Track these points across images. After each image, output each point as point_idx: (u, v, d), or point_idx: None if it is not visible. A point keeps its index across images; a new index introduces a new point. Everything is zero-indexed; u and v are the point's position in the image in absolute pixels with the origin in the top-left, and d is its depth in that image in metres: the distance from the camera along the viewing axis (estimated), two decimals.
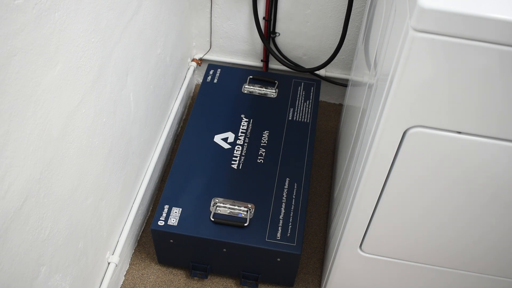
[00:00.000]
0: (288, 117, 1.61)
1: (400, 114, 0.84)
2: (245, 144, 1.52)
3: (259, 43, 1.84)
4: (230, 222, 1.32)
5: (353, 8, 1.65)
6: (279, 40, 1.80)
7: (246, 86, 1.70)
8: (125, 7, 1.16)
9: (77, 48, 0.94)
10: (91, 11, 0.98)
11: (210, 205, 1.37)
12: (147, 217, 1.60)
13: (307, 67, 1.85)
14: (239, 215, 1.35)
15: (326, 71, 1.87)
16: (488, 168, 0.89)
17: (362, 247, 1.16)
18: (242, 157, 1.49)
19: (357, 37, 1.73)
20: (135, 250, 1.51)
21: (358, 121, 1.17)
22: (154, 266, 1.48)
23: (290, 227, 1.33)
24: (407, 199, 1.00)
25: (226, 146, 1.52)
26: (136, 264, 1.48)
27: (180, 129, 1.86)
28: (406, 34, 0.74)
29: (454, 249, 1.10)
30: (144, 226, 1.57)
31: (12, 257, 0.85)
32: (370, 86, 1.05)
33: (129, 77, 1.26)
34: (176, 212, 1.35)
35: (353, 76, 1.54)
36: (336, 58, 1.81)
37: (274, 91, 1.69)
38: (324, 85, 1.92)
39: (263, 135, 1.55)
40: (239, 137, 1.54)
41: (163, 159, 1.69)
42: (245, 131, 1.56)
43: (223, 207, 1.36)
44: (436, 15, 0.70)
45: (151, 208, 1.62)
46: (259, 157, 1.49)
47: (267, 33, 1.75)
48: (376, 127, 0.90)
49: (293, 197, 1.40)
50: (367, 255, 1.18)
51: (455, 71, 0.76)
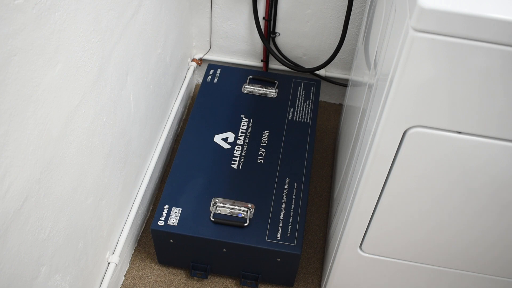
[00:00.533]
0: (288, 117, 1.61)
1: (400, 114, 0.84)
2: (245, 144, 1.52)
3: (259, 43, 1.84)
4: (230, 222, 1.32)
5: (353, 8, 1.65)
6: (279, 40, 1.80)
7: (246, 86, 1.70)
8: (125, 7, 1.16)
9: (77, 48, 0.94)
10: (91, 11, 0.98)
11: (210, 205, 1.37)
12: (147, 217, 1.60)
13: (307, 67, 1.85)
14: (239, 215, 1.35)
15: (326, 71, 1.87)
16: (488, 168, 0.89)
17: (362, 247, 1.16)
18: (242, 157, 1.49)
19: (357, 37, 1.73)
20: (135, 250, 1.51)
21: (358, 121, 1.17)
22: (154, 266, 1.48)
23: (290, 227, 1.33)
24: (407, 199, 1.00)
25: (226, 146, 1.52)
26: (136, 264, 1.48)
27: (180, 129, 1.86)
28: (406, 34, 0.74)
29: (454, 249, 1.10)
30: (144, 226, 1.57)
31: (12, 257, 0.85)
32: (370, 86, 1.05)
33: (129, 77, 1.26)
34: (176, 212, 1.35)
35: (353, 76, 1.54)
36: (336, 58, 1.81)
37: (274, 91, 1.69)
38: (324, 85, 1.92)
39: (263, 135, 1.55)
40: (239, 137, 1.54)
41: (163, 159, 1.69)
42: (245, 131, 1.56)
43: (223, 207, 1.36)
44: (436, 15, 0.70)
45: (151, 208, 1.62)
46: (259, 157, 1.49)
47: (267, 33, 1.75)
48: (376, 127, 0.90)
49: (293, 197, 1.40)
50: (367, 255, 1.18)
51: (455, 71, 0.76)
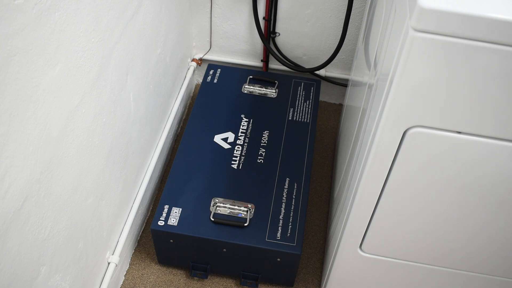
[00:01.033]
0: (288, 117, 1.61)
1: (400, 114, 0.84)
2: (245, 144, 1.52)
3: (259, 43, 1.84)
4: (230, 222, 1.32)
5: (353, 8, 1.65)
6: (279, 40, 1.80)
7: (246, 86, 1.70)
8: (125, 7, 1.16)
9: (77, 48, 0.94)
10: (91, 11, 0.98)
11: (210, 205, 1.37)
12: (147, 217, 1.60)
13: (307, 67, 1.85)
14: (239, 215, 1.35)
15: (326, 71, 1.87)
16: (488, 168, 0.89)
17: (362, 247, 1.16)
18: (242, 157, 1.49)
19: (357, 37, 1.73)
20: (135, 250, 1.51)
21: (358, 121, 1.17)
22: (154, 266, 1.48)
23: (290, 227, 1.33)
24: (407, 199, 1.00)
25: (226, 146, 1.52)
26: (136, 264, 1.48)
27: (180, 129, 1.86)
28: (406, 34, 0.74)
29: (454, 249, 1.10)
30: (144, 226, 1.57)
31: (12, 257, 0.85)
32: (370, 86, 1.05)
33: (129, 77, 1.26)
34: (176, 212, 1.35)
35: (353, 76, 1.54)
36: (336, 58, 1.81)
37: (274, 91, 1.69)
38: (324, 85, 1.92)
39: (263, 135, 1.55)
40: (239, 137, 1.54)
41: (163, 159, 1.69)
42: (245, 131, 1.56)
43: (223, 207, 1.36)
44: (436, 15, 0.70)
45: (151, 208, 1.62)
46: (259, 157, 1.49)
47: (267, 33, 1.75)
48: (376, 127, 0.90)
49: (293, 197, 1.40)
50: (367, 255, 1.18)
51: (455, 71, 0.76)
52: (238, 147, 1.51)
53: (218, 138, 1.54)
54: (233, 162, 1.48)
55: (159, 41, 1.48)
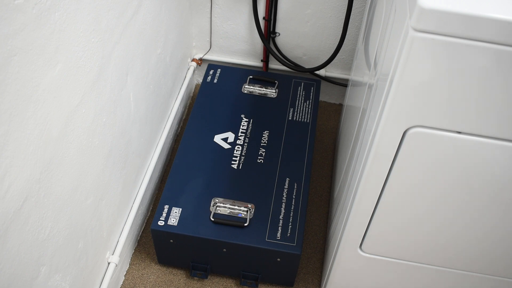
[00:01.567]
0: (288, 117, 1.61)
1: (400, 114, 0.84)
2: (245, 144, 1.52)
3: (259, 43, 1.84)
4: (230, 222, 1.32)
5: (353, 8, 1.65)
6: (279, 40, 1.80)
7: (246, 86, 1.70)
8: (125, 7, 1.16)
9: (77, 48, 0.94)
10: (91, 11, 0.98)
11: (210, 205, 1.37)
12: (147, 217, 1.60)
13: (307, 67, 1.85)
14: (239, 215, 1.35)
15: (326, 71, 1.87)
16: (488, 168, 0.89)
17: (362, 247, 1.16)
18: (242, 157, 1.49)
19: (357, 37, 1.73)
20: (135, 250, 1.51)
21: (358, 121, 1.17)
22: (154, 266, 1.48)
23: (290, 227, 1.33)
24: (407, 199, 1.00)
25: (226, 146, 1.52)
26: (136, 264, 1.48)
27: (180, 129, 1.86)
28: (406, 34, 0.74)
29: (454, 249, 1.10)
30: (144, 226, 1.57)
31: (12, 257, 0.85)
32: (370, 86, 1.05)
33: (129, 77, 1.26)
34: (176, 212, 1.35)
35: (353, 76, 1.54)
36: (336, 58, 1.81)
37: (274, 91, 1.69)
38: (324, 85, 1.92)
39: (263, 135, 1.55)
40: (239, 137, 1.54)
41: (163, 159, 1.69)
42: (245, 131, 1.56)
43: (223, 207, 1.36)
44: (436, 15, 0.70)
45: (151, 208, 1.62)
46: (259, 157, 1.49)
47: (267, 33, 1.75)
48: (376, 127, 0.90)
49: (293, 197, 1.40)
50: (367, 255, 1.18)
51: (455, 71, 0.76)
52: (238, 147, 1.51)
53: (218, 138, 1.54)
54: (233, 162, 1.48)
55: (159, 41, 1.48)
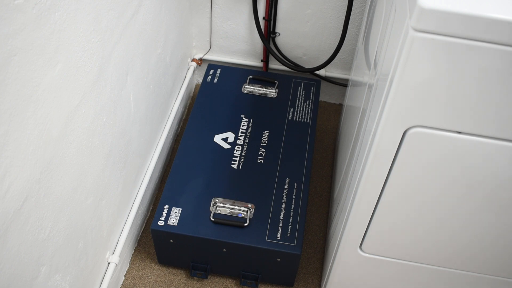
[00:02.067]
0: (288, 117, 1.61)
1: (400, 114, 0.84)
2: (245, 144, 1.52)
3: (259, 43, 1.84)
4: (230, 222, 1.32)
5: (353, 8, 1.65)
6: (279, 40, 1.80)
7: (246, 86, 1.70)
8: (125, 7, 1.16)
9: (77, 48, 0.94)
10: (91, 11, 0.98)
11: (210, 205, 1.37)
12: (147, 217, 1.60)
13: (307, 67, 1.85)
14: (239, 215, 1.35)
15: (326, 71, 1.87)
16: (488, 168, 0.89)
17: (362, 247, 1.16)
18: (242, 157, 1.49)
19: (357, 37, 1.73)
20: (135, 250, 1.51)
21: (358, 121, 1.17)
22: (154, 266, 1.48)
23: (290, 227, 1.33)
24: (407, 199, 1.00)
25: (226, 146, 1.52)
26: (136, 264, 1.48)
27: (180, 129, 1.86)
28: (406, 34, 0.74)
29: (454, 249, 1.10)
30: (144, 226, 1.57)
31: (12, 257, 0.85)
32: (370, 86, 1.05)
33: (129, 77, 1.26)
34: (176, 212, 1.35)
35: (353, 76, 1.54)
36: (336, 58, 1.81)
37: (274, 91, 1.69)
38: (324, 85, 1.92)
39: (263, 135, 1.55)
40: (239, 137, 1.54)
41: (163, 159, 1.69)
42: (245, 131, 1.56)
43: (223, 207, 1.36)
44: (436, 15, 0.70)
45: (151, 208, 1.62)
46: (259, 157, 1.49)
47: (267, 33, 1.75)
48: (376, 127, 0.90)
49: (293, 197, 1.40)
50: (367, 255, 1.18)
51: (455, 71, 0.76)
52: (238, 147, 1.51)
53: (218, 138, 1.54)
54: (233, 162, 1.48)
55: (159, 41, 1.48)
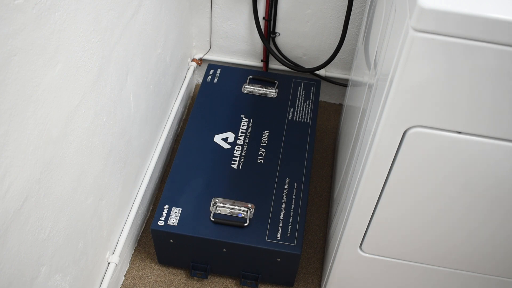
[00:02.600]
0: (288, 117, 1.61)
1: (400, 114, 0.84)
2: (245, 144, 1.52)
3: (259, 43, 1.84)
4: (230, 222, 1.32)
5: (353, 8, 1.65)
6: (279, 40, 1.80)
7: (246, 86, 1.70)
8: (125, 7, 1.16)
9: (77, 48, 0.94)
10: (91, 11, 0.98)
11: (210, 205, 1.37)
12: (147, 217, 1.60)
13: (307, 67, 1.85)
14: (239, 215, 1.35)
15: (326, 71, 1.87)
16: (488, 168, 0.89)
17: (362, 247, 1.16)
18: (242, 157, 1.49)
19: (357, 37, 1.73)
20: (135, 250, 1.51)
21: (358, 121, 1.17)
22: (154, 266, 1.48)
23: (290, 227, 1.33)
24: (407, 199, 1.00)
25: (226, 146, 1.52)
26: (136, 264, 1.48)
27: (180, 129, 1.86)
28: (406, 34, 0.74)
29: (454, 249, 1.10)
30: (144, 226, 1.57)
31: (12, 257, 0.85)
32: (370, 86, 1.05)
33: (129, 77, 1.26)
34: (176, 212, 1.35)
35: (353, 76, 1.54)
36: (336, 58, 1.81)
37: (274, 91, 1.69)
38: (324, 85, 1.92)
39: (263, 135, 1.55)
40: (239, 137, 1.54)
41: (163, 159, 1.69)
42: (245, 131, 1.56)
43: (223, 207, 1.36)
44: (436, 15, 0.70)
45: (151, 208, 1.62)
46: (259, 157, 1.49)
47: (267, 33, 1.75)
48: (376, 127, 0.90)
49: (293, 197, 1.40)
50: (367, 255, 1.18)
51: (455, 71, 0.76)
52: (238, 147, 1.51)
53: (218, 138, 1.54)
54: (233, 162, 1.48)
55: (159, 41, 1.48)
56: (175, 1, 1.56)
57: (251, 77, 1.73)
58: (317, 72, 1.85)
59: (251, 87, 1.70)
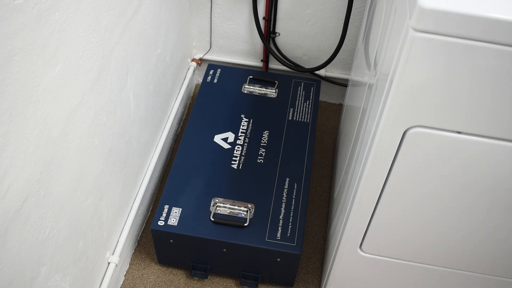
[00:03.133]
0: (288, 117, 1.61)
1: (400, 114, 0.84)
2: (245, 144, 1.52)
3: (259, 43, 1.84)
4: (230, 222, 1.32)
5: (353, 8, 1.65)
6: (279, 40, 1.80)
7: (246, 86, 1.70)
8: (125, 7, 1.16)
9: (77, 48, 0.94)
10: (91, 11, 0.98)
11: (210, 205, 1.37)
12: (147, 217, 1.60)
13: (307, 67, 1.85)
14: (239, 215, 1.35)
15: (326, 71, 1.87)
16: (488, 168, 0.89)
17: (362, 247, 1.16)
18: (242, 157, 1.49)
19: (357, 37, 1.73)
20: (135, 250, 1.51)
21: (358, 121, 1.17)
22: (154, 266, 1.48)
23: (290, 227, 1.33)
24: (407, 199, 1.00)
25: (226, 146, 1.52)
26: (136, 264, 1.48)
27: (180, 129, 1.86)
28: (406, 34, 0.74)
29: (454, 249, 1.10)
30: (144, 226, 1.57)
31: (12, 257, 0.85)
32: (370, 86, 1.05)
33: (129, 77, 1.26)
34: (176, 212, 1.35)
35: (353, 76, 1.54)
36: (336, 58, 1.81)
37: (274, 91, 1.69)
38: (324, 85, 1.92)
39: (263, 135, 1.55)
40: (239, 137, 1.54)
41: (163, 159, 1.69)
42: (245, 131, 1.56)
43: (223, 207, 1.36)
44: (436, 15, 0.70)
45: (151, 208, 1.62)
46: (259, 157, 1.49)
47: (267, 33, 1.75)
48: (376, 127, 0.90)
49: (293, 197, 1.40)
50: (367, 255, 1.18)
51: (455, 71, 0.76)
52: (238, 147, 1.51)
53: (218, 138, 1.54)
54: (233, 162, 1.48)
55: (159, 41, 1.48)
56: (175, 1, 1.56)
57: (251, 77, 1.73)
58: (317, 72, 1.85)
59: (251, 87, 1.70)
